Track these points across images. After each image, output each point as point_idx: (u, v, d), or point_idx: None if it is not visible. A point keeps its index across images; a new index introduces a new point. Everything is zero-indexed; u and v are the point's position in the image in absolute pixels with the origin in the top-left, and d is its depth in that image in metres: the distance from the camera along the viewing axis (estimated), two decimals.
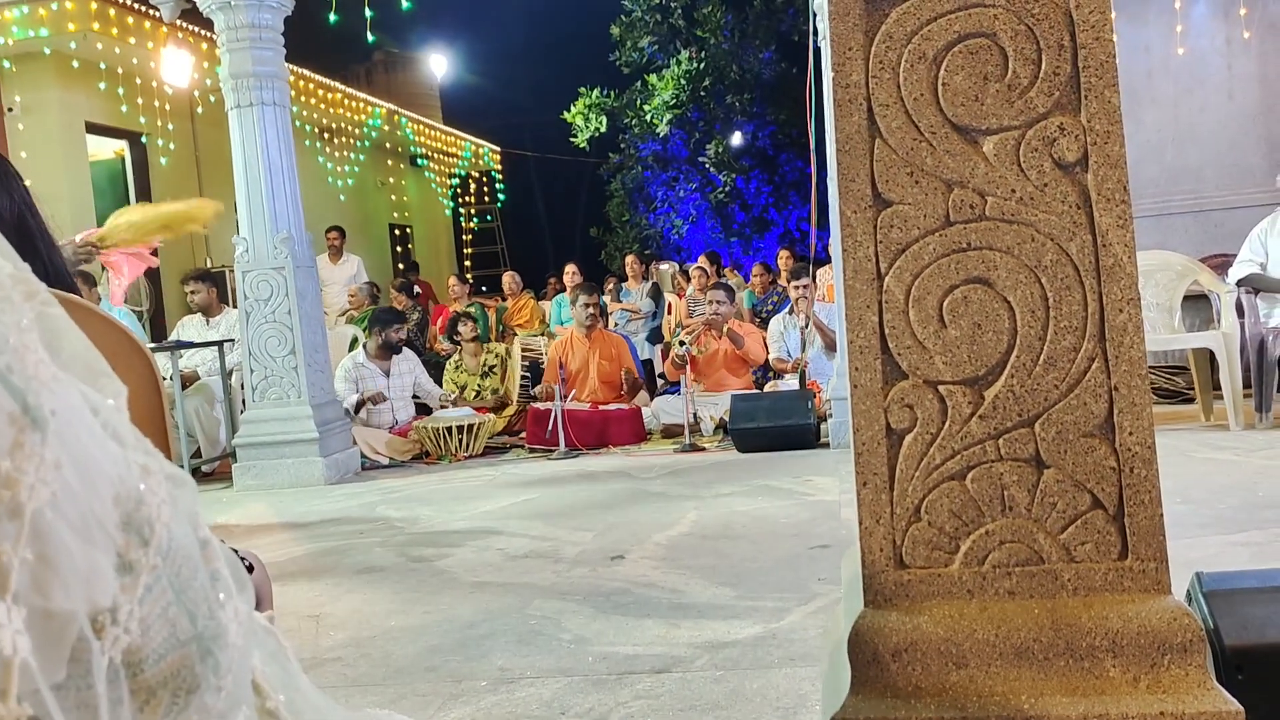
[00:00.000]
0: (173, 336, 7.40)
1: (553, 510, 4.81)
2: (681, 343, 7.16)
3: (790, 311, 7.61)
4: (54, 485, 0.39)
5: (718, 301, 7.40)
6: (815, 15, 5.76)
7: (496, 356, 8.04)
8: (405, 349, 7.84)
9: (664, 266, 12.68)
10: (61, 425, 0.40)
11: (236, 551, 1.28)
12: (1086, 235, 1.66)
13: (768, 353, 7.55)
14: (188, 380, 6.80)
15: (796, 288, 7.38)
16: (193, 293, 7.25)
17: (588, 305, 7.43)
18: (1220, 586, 1.74)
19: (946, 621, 1.63)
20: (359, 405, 7.06)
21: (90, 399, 0.43)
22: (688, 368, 7.01)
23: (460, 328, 8.07)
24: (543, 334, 9.49)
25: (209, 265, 10.47)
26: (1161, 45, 7.33)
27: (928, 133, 1.70)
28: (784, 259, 10.21)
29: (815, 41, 5.67)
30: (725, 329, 7.29)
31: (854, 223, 1.71)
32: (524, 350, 8.02)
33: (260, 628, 0.51)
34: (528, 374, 7.82)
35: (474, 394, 7.91)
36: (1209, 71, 7.35)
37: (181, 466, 3.62)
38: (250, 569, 1.15)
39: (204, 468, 6.74)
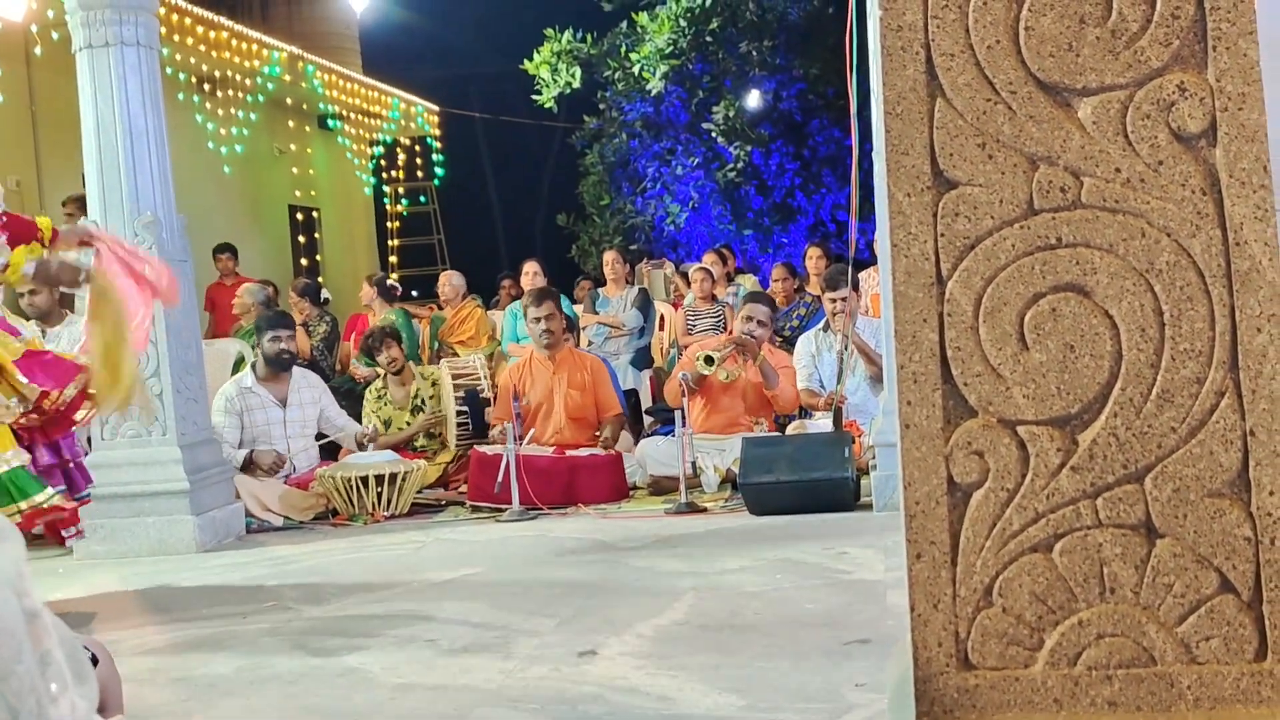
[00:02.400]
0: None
1: (502, 589, 4.78)
2: (708, 359, 7.06)
3: (825, 328, 7.62)
4: None
5: (758, 321, 7.33)
6: None
7: (433, 385, 8.03)
8: (308, 371, 7.80)
9: (655, 266, 12.71)
10: None
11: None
12: (1214, 230, 1.67)
13: (799, 399, 7.48)
14: None
15: (832, 299, 7.39)
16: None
17: (540, 320, 7.38)
18: None
19: None
20: (248, 462, 7.03)
21: None
22: (687, 398, 6.97)
23: (378, 353, 8.07)
24: (489, 354, 9.48)
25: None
26: None
27: (1005, 91, 1.71)
28: (814, 259, 10.25)
29: None
30: (760, 357, 7.24)
31: (907, 209, 1.72)
32: (455, 376, 7.99)
33: None
34: (464, 408, 7.80)
35: (400, 433, 7.89)
36: None
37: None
38: (93, 661, 1.14)
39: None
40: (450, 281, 10.72)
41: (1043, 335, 1.67)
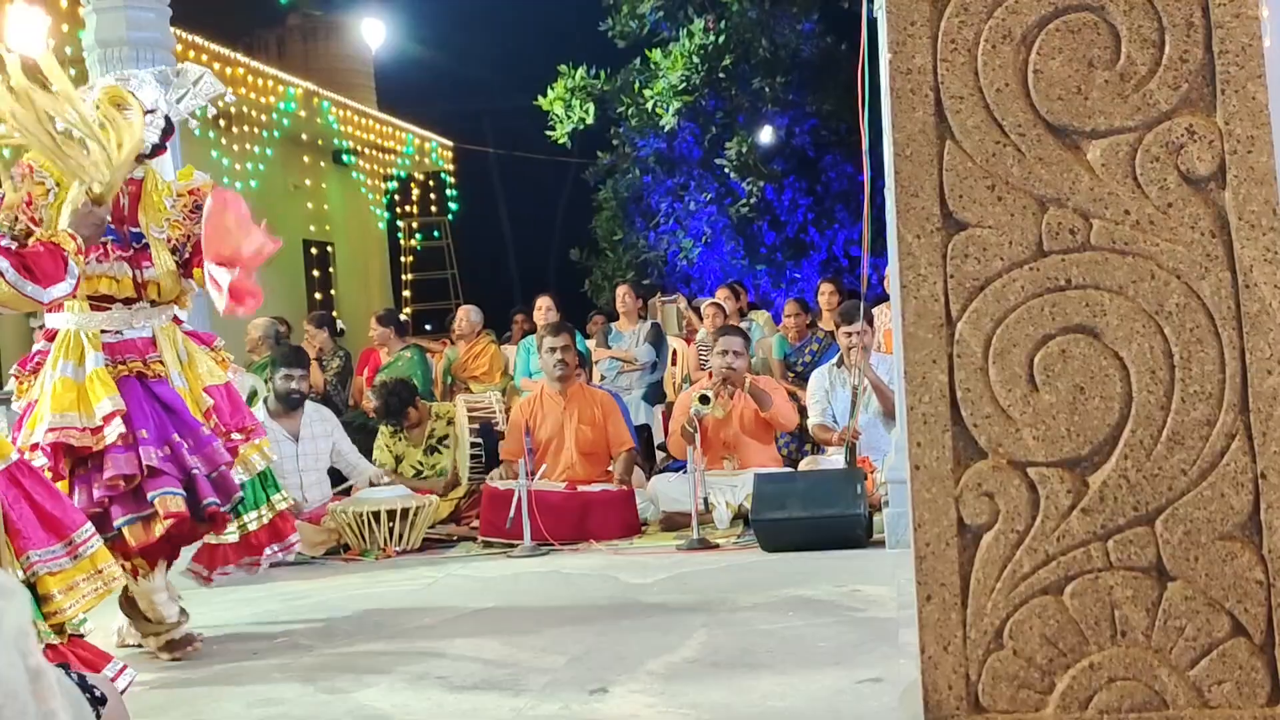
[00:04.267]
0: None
1: (513, 625, 4.78)
2: (704, 399, 7.11)
3: (838, 363, 7.63)
4: None
5: (734, 352, 7.40)
6: None
7: (447, 423, 8.03)
8: (321, 406, 7.82)
9: (668, 301, 12.72)
10: None
11: (84, 679, 1.28)
12: (1224, 272, 1.67)
13: (800, 416, 7.54)
14: None
15: (848, 334, 7.40)
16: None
17: (555, 350, 7.43)
18: None
19: None
20: None
21: None
22: (697, 437, 6.99)
23: (402, 416, 8.00)
24: (503, 389, 9.48)
25: None
26: None
27: (1014, 134, 1.72)
28: (826, 294, 10.26)
29: (871, 9, 5.74)
30: (747, 384, 7.29)
31: (916, 250, 1.72)
32: (471, 410, 8.01)
33: None
34: (478, 442, 7.81)
35: (413, 470, 7.89)
36: None
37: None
38: (101, 701, 1.15)
39: None
40: (469, 316, 10.73)
41: (1052, 377, 1.67)
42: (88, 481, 4.23)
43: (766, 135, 18.33)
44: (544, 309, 10.12)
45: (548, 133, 17.99)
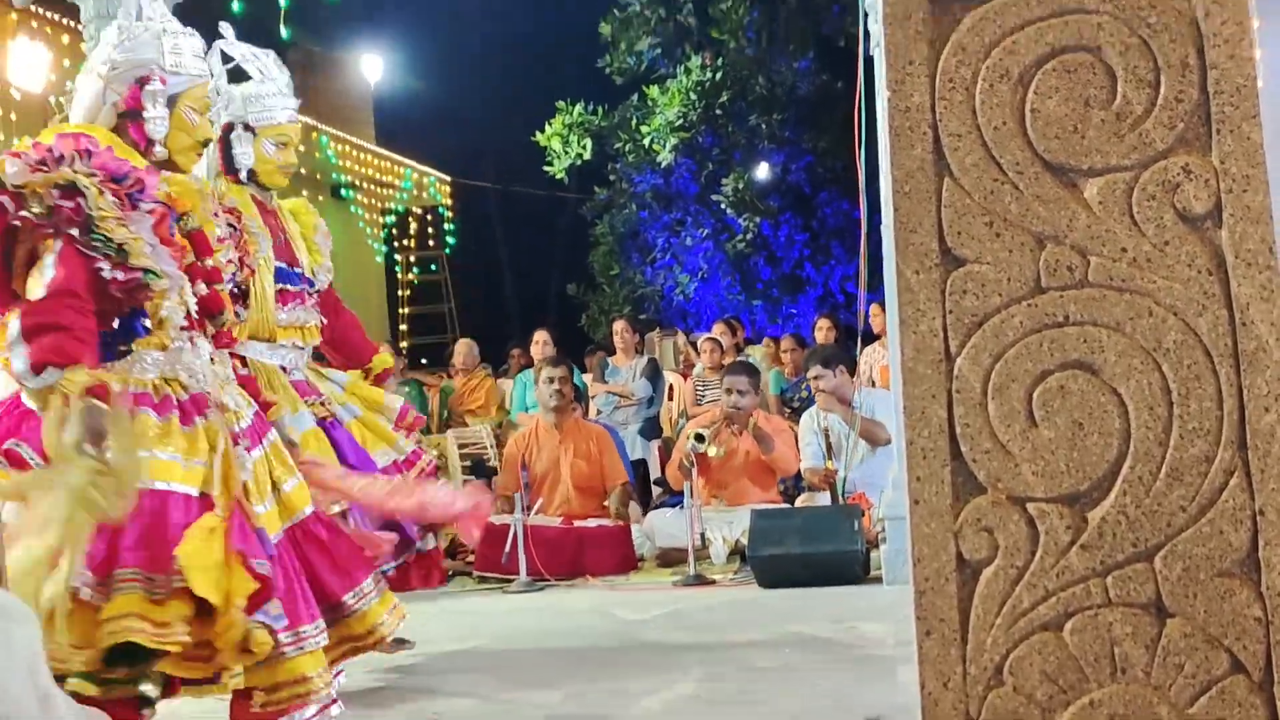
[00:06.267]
0: None
1: (509, 661, 4.75)
2: (699, 436, 7.09)
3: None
4: None
5: (738, 391, 7.36)
6: (866, 15, 5.88)
7: (441, 457, 8.02)
8: None
9: (666, 336, 12.71)
10: None
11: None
12: (1221, 309, 1.68)
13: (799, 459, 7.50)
14: None
15: (814, 378, 7.32)
16: None
17: (553, 380, 7.44)
18: None
19: None
20: None
21: None
22: (695, 472, 6.97)
23: None
24: (498, 423, 9.46)
25: None
26: None
27: (1012, 171, 1.73)
28: (823, 330, 10.26)
29: (868, 48, 5.77)
30: (751, 423, 7.26)
31: (915, 286, 1.73)
32: (462, 446, 7.99)
33: None
34: (469, 479, 7.79)
35: None
36: None
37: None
38: None
39: None
40: (471, 350, 10.73)
41: (1051, 412, 1.68)
42: None
43: (763, 171, 18.42)
44: (541, 343, 10.11)
45: (545, 168, 18.07)
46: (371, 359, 4.86)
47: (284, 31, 8.64)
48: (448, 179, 19.54)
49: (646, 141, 17.69)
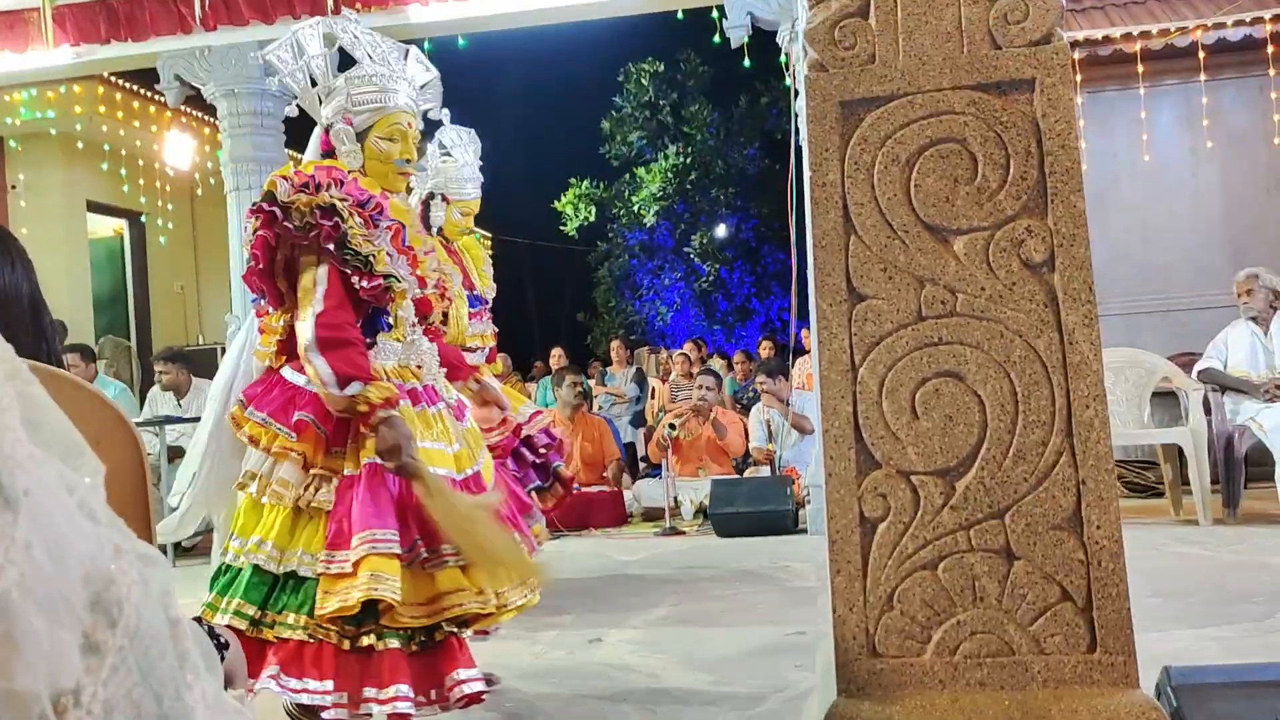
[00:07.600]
0: (145, 411, 7.32)
1: None
2: (671, 426, 7.15)
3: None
4: (22, 565, 0.38)
5: (706, 388, 7.42)
6: (797, 115, 5.90)
7: None
8: None
9: (650, 351, 12.71)
10: (34, 505, 0.39)
11: (214, 629, 1.26)
12: (1054, 333, 1.68)
13: (746, 443, 7.54)
14: (176, 454, 6.73)
15: (760, 382, 7.42)
16: (161, 373, 7.21)
17: (575, 385, 7.47)
18: (1189, 681, 1.73)
19: (918, 712, 1.60)
20: None
21: (66, 478, 0.43)
22: (669, 451, 6.99)
23: None
24: None
25: (200, 342, 10.45)
26: (1128, 152, 7.53)
27: (901, 231, 1.73)
28: (766, 348, 10.27)
29: (797, 140, 5.79)
30: (712, 416, 7.31)
31: (830, 315, 1.73)
32: None
33: (230, 707, 0.50)
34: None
35: None
36: (1175, 178, 7.54)
37: (163, 545, 3.40)
38: (225, 646, 1.13)
39: (185, 542, 6.63)
40: (505, 362, 10.72)
41: (929, 409, 1.67)
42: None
43: (721, 230, 18.50)
44: (557, 356, 10.12)
45: (561, 227, 18.13)
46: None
47: None
48: (489, 235, 19.55)
49: (636, 208, 17.79)
